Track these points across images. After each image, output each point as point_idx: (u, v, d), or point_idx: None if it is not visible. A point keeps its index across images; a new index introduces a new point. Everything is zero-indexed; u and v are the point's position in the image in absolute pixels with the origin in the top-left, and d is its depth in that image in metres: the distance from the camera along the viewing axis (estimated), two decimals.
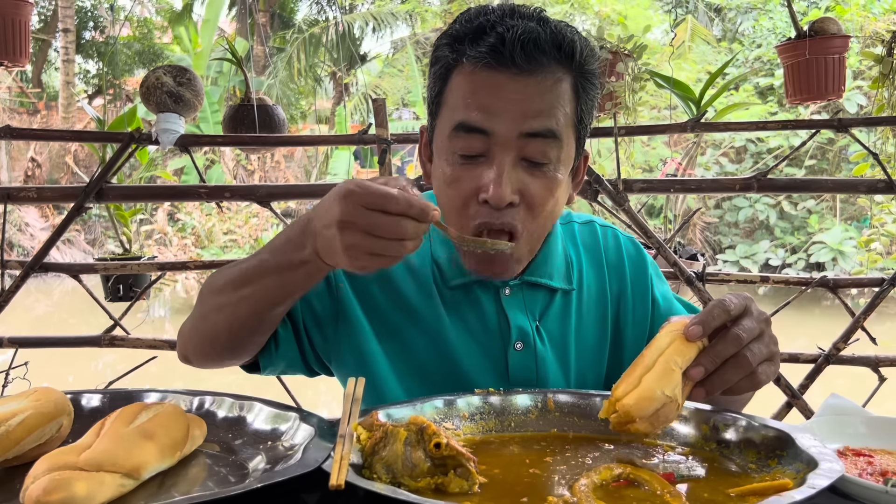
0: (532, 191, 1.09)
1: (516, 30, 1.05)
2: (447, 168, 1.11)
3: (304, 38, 15.90)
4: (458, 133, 1.08)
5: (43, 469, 0.75)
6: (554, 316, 1.25)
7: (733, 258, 12.43)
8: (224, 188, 2.78)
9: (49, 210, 14.01)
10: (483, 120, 1.06)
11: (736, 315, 0.92)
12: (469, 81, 1.08)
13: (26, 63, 2.70)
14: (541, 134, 1.07)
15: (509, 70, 1.05)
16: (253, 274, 1.04)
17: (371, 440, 0.84)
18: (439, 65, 1.13)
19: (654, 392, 0.87)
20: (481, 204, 1.08)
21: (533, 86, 1.06)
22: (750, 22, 13.86)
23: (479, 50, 1.06)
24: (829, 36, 2.64)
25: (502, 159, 1.07)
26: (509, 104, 1.06)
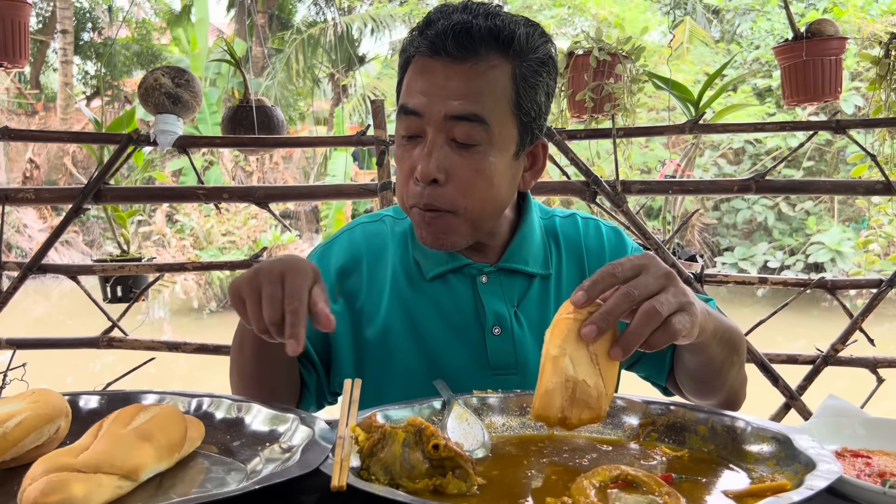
0: (459, 170, 1.14)
1: (452, 20, 1.12)
2: (397, 149, 1.21)
3: (303, 39, 15.91)
4: (399, 116, 1.17)
5: (40, 470, 0.75)
6: (532, 301, 1.28)
7: (732, 260, 12.43)
8: (222, 189, 2.78)
9: (47, 211, 13.99)
10: (415, 102, 1.14)
11: (626, 277, 0.90)
12: (413, 71, 1.17)
13: (25, 64, 2.70)
14: (466, 117, 1.12)
15: (442, 58, 1.13)
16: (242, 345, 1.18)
17: (369, 441, 0.84)
18: (402, 57, 1.21)
19: (546, 387, 0.87)
20: (415, 183, 1.16)
21: (462, 72, 1.12)
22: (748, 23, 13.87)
23: (423, 42, 1.15)
24: (826, 37, 2.64)
25: (433, 139, 1.14)
26: (438, 89, 1.12)
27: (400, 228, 1.32)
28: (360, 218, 1.37)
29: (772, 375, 2.61)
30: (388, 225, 1.33)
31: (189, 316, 11.55)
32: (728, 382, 1.19)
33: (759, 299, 11.60)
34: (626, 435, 1.03)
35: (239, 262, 2.89)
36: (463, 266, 1.26)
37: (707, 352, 1.09)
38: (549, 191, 2.80)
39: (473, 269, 1.26)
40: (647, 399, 1.06)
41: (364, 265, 1.28)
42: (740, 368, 1.21)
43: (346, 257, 1.29)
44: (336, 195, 3.14)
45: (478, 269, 1.26)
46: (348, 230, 1.34)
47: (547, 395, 0.87)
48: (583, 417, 0.88)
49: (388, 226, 1.33)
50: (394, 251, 1.29)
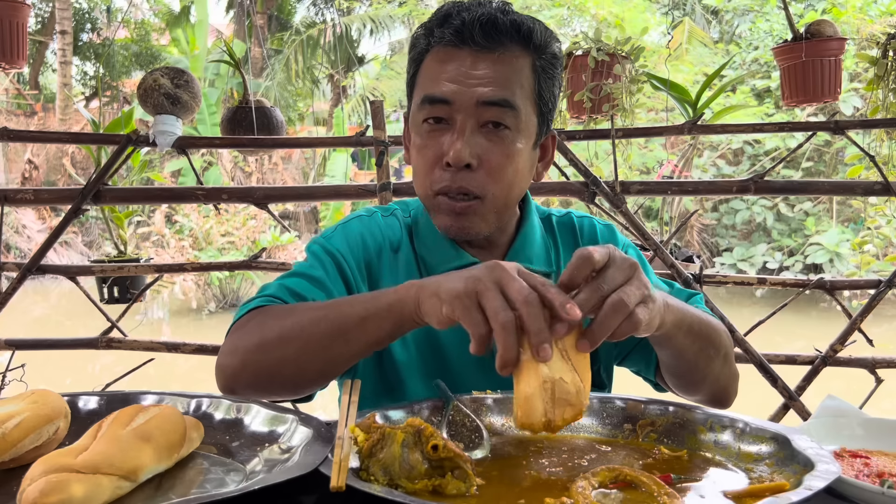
0: (490, 155, 1.17)
1: (476, 12, 1.15)
2: (417, 139, 1.21)
3: (302, 40, 15.92)
4: (424, 106, 1.18)
5: (40, 471, 0.75)
6: None
7: (730, 260, 12.44)
8: (221, 190, 2.78)
9: (46, 212, 13.99)
10: (445, 90, 1.15)
11: (602, 264, 0.90)
12: (436, 60, 1.18)
13: (23, 65, 2.70)
14: (497, 103, 1.15)
15: (469, 47, 1.15)
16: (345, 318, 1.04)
17: (368, 442, 0.84)
18: (415, 51, 1.23)
19: (525, 393, 0.85)
20: (444, 168, 1.17)
21: (490, 60, 1.16)
22: (747, 24, 13.88)
23: (445, 32, 1.16)
24: (825, 38, 2.64)
25: (464, 124, 1.16)
26: (468, 77, 1.15)
27: (408, 224, 1.32)
28: (373, 207, 1.36)
29: (770, 376, 2.62)
30: (399, 218, 1.33)
31: (188, 316, 11.54)
32: (709, 377, 1.19)
33: (757, 300, 11.61)
34: (625, 435, 1.03)
35: (238, 263, 2.89)
36: (468, 264, 1.23)
37: (674, 344, 1.09)
38: (548, 191, 2.80)
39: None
40: (645, 399, 1.06)
41: (385, 257, 1.28)
42: (723, 363, 1.20)
43: (370, 242, 1.28)
44: (335, 196, 3.14)
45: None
46: (368, 216, 1.32)
47: (528, 402, 0.85)
48: (566, 416, 0.86)
49: (399, 220, 1.33)
50: (406, 246, 1.30)
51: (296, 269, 1.25)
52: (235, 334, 1.13)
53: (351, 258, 1.24)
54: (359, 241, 1.27)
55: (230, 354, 1.11)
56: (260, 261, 2.74)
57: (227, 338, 1.15)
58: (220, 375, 1.12)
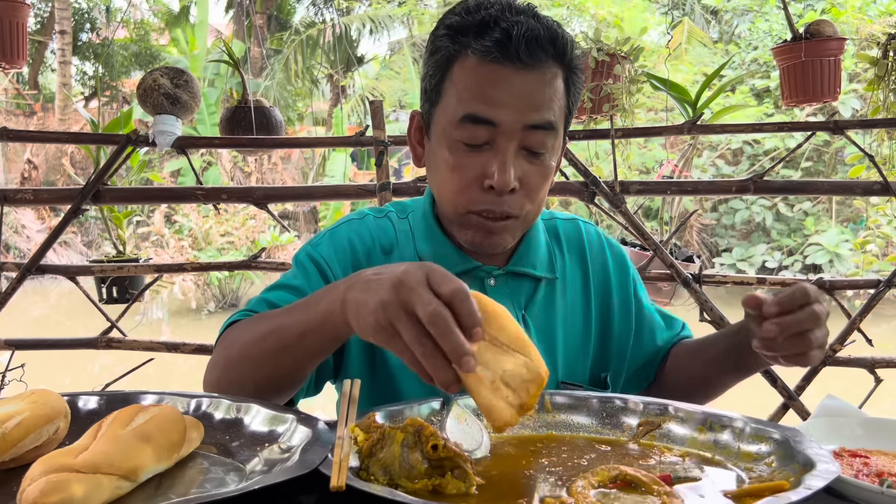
0: (530, 178, 1.16)
1: (520, 26, 1.10)
2: (449, 155, 1.16)
3: (301, 39, 15.92)
4: (464, 124, 1.13)
5: (39, 471, 0.75)
6: (539, 305, 1.29)
7: (730, 260, 12.44)
8: (221, 190, 2.78)
9: (45, 212, 13.98)
10: (490, 112, 1.11)
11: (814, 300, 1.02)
12: (475, 74, 1.12)
13: (23, 65, 2.70)
14: (542, 126, 1.13)
15: (514, 65, 1.10)
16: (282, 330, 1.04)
17: (368, 442, 0.84)
18: (440, 54, 1.17)
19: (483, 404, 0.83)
20: (486, 190, 1.14)
21: (535, 80, 1.12)
22: (746, 24, 13.88)
23: (484, 44, 1.11)
24: (825, 38, 2.65)
25: (506, 148, 1.13)
26: (514, 98, 1.11)
27: (403, 227, 1.30)
28: (365, 209, 1.35)
29: (770, 376, 2.62)
30: (393, 221, 1.31)
31: (187, 316, 11.54)
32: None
33: None
34: (625, 435, 1.03)
35: (237, 263, 2.89)
36: (472, 269, 1.25)
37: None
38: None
39: (482, 271, 1.26)
40: (645, 399, 1.06)
41: (374, 259, 1.26)
42: None
43: (359, 246, 1.27)
44: (334, 196, 3.14)
45: (486, 272, 1.26)
46: (358, 219, 1.31)
47: (490, 409, 0.83)
48: (532, 392, 0.85)
49: (394, 222, 1.31)
50: (401, 249, 1.28)
51: (280, 280, 1.26)
52: (216, 350, 1.16)
53: (336, 264, 1.24)
54: (345, 247, 1.26)
55: (210, 370, 1.14)
56: (259, 261, 2.74)
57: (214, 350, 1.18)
58: (205, 386, 1.16)
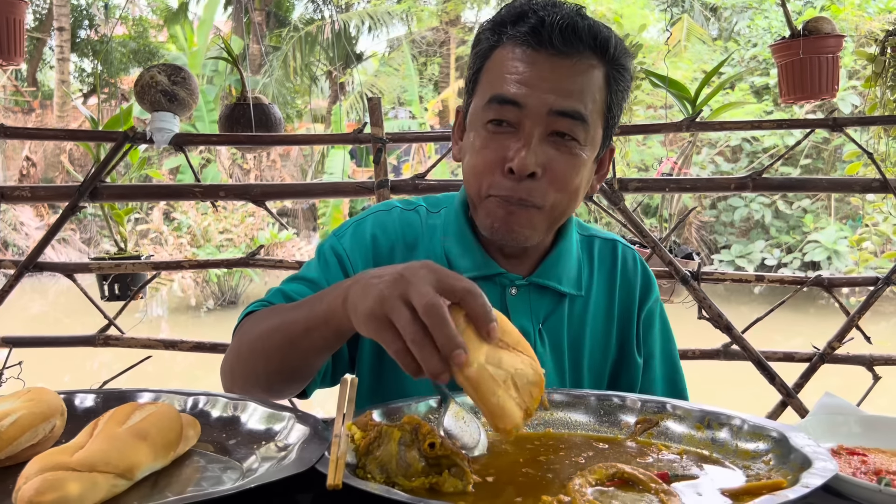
0: (556, 165, 1.12)
1: (556, 15, 1.10)
2: (478, 138, 1.15)
3: (300, 36, 15.88)
4: (491, 105, 1.12)
5: (35, 469, 0.75)
6: (557, 320, 1.26)
7: (729, 258, 12.45)
8: (218, 187, 2.77)
9: (44, 209, 13.98)
10: (517, 93, 1.10)
11: None
12: (508, 58, 1.12)
13: (21, 61, 2.69)
14: (569, 114, 1.11)
15: (546, 50, 1.10)
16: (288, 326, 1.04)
17: (365, 440, 0.84)
18: (480, 47, 1.17)
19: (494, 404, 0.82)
20: (506, 174, 1.12)
21: (567, 67, 1.11)
22: (745, 21, 13.87)
23: (519, 30, 1.11)
24: (823, 35, 2.64)
25: (531, 131, 1.11)
26: (543, 81, 1.10)
27: (432, 222, 1.28)
28: (394, 201, 1.33)
29: (768, 373, 2.62)
30: (421, 216, 1.29)
31: (187, 314, 11.54)
32: None
33: (755, 297, 11.62)
34: (623, 433, 1.03)
35: (235, 261, 2.88)
36: (495, 275, 1.23)
37: None
38: None
39: (505, 279, 1.23)
40: (643, 397, 1.06)
41: (397, 254, 1.25)
42: None
43: (382, 240, 1.25)
44: (333, 193, 3.13)
45: (509, 280, 1.23)
46: (385, 211, 1.29)
47: (503, 409, 0.82)
48: (535, 396, 0.85)
49: (422, 217, 1.29)
50: (426, 245, 1.25)
51: (300, 271, 1.26)
52: (232, 340, 1.17)
53: (358, 258, 1.23)
54: (368, 241, 1.25)
55: (225, 361, 1.16)
56: (257, 258, 2.73)
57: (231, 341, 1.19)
58: (222, 379, 1.18)
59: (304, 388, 1.18)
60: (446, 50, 18.22)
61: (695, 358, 2.66)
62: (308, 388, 1.19)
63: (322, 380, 1.21)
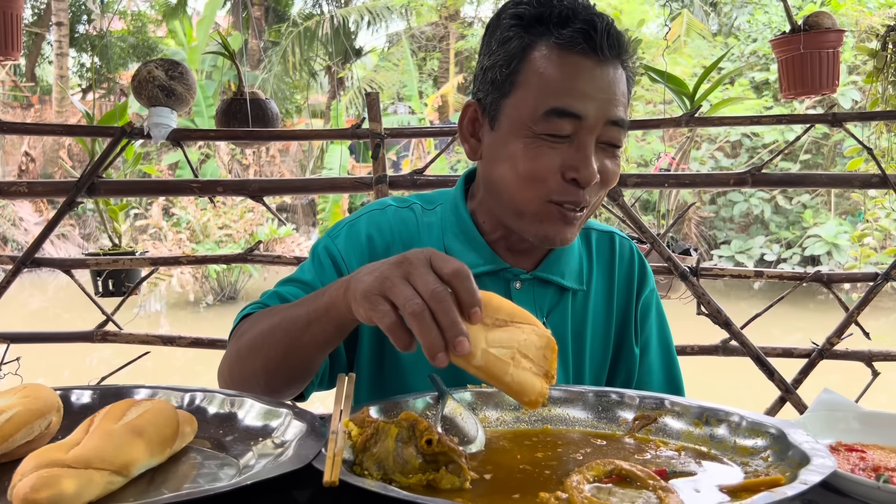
0: (607, 171, 1.16)
1: (602, 20, 1.11)
2: (528, 147, 1.13)
3: (299, 31, 15.86)
4: (549, 117, 1.11)
5: (31, 466, 0.75)
6: (561, 314, 1.27)
7: (728, 253, 12.45)
8: (216, 183, 2.77)
9: (43, 204, 13.96)
10: (578, 106, 1.10)
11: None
12: (559, 66, 1.11)
13: (18, 57, 2.68)
14: (619, 122, 1.13)
15: (597, 56, 1.10)
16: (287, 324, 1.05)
17: (362, 436, 0.84)
18: (511, 44, 1.14)
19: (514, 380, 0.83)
20: (568, 182, 1.12)
21: (611, 74, 1.12)
22: (745, 16, 13.85)
23: (568, 34, 1.10)
24: (824, 30, 2.63)
25: (589, 142, 1.12)
26: (599, 92, 1.11)
27: (428, 219, 1.28)
28: (389, 199, 1.32)
29: (767, 369, 2.62)
30: (416, 214, 1.28)
31: (185, 309, 11.54)
32: None
33: (755, 292, 11.62)
34: (621, 429, 1.03)
35: (233, 256, 2.88)
36: (500, 270, 1.23)
37: None
38: None
39: (510, 273, 1.24)
40: (641, 393, 1.06)
41: (394, 252, 1.23)
42: None
43: (377, 239, 1.25)
44: (331, 188, 3.13)
45: (513, 275, 1.24)
46: (379, 210, 1.29)
47: (521, 385, 0.83)
48: (549, 357, 0.85)
49: (417, 215, 1.28)
50: (424, 243, 1.25)
51: (295, 273, 1.26)
52: (230, 342, 1.18)
53: (353, 259, 1.22)
54: (363, 242, 1.24)
55: (223, 363, 1.17)
56: (256, 253, 2.73)
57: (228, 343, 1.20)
58: (219, 381, 1.18)
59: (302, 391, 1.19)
60: (446, 45, 18.19)
61: (693, 354, 2.66)
62: (306, 389, 1.19)
63: (320, 382, 1.21)
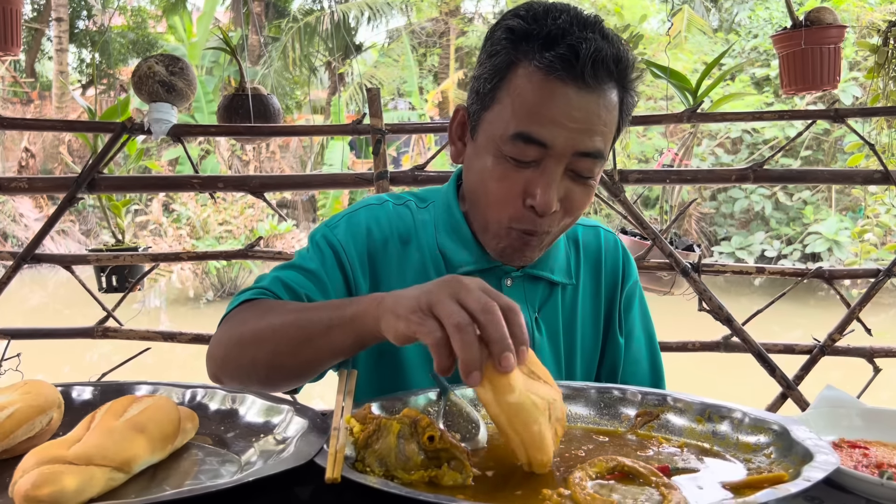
0: (573, 199, 1.13)
1: (589, 44, 1.05)
2: (494, 166, 1.12)
3: (299, 27, 15.83)
4: (515, 141, 1.09)
5: (32, 463, 0.74)
6: (552, 309, 1.29)
7: (729, 249, 12.45)
8: (217, 178, 2.76)
9: (43, 200, 13.96)
10: (544, 134, 1.07)
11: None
12: (534, 89, 1.08)
13: (18, 52, 2.68)
14: (591, 154, 1.10)
15: (576, 84, 1.06)
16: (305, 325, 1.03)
17: (364, 433, 0.84)
18: (498, 58, 1.12)
19: (546, 432, 0.82)
20: (526, 208, 1.12)
21: (594, 104, 1.08)
22: (746, 12, 13.83)
23: (549, 58, 1.06)
24: (825, 26, 2.63)
25: (554, 170, 1.09)
26: (571, 121, 1.07)
27: (422, 217, 1.28)
28: (384, 195, 1.32)
29: (769, 365, 2.61)
30: (412, 210, 1.29)
31: (186, 305, 11.55)
32: None
33: (756, 289, 11.62)
34: (623, 426, 1.02)
35: (233, 252, 2.87)
36: (491, 268, 1.24)
37: None
38: None
39: (501, 271, 1.24)
40: (643, 390, 1.06)
41: (391, 247, 1.24)
42: None
43: (376, 233, 1.24)
44: (331, 185, 3.13)
45: (504, 272, 1.25)
46: (378, 204, 1.29)
47: (541, 439, 0.81)
48: (559, 433, 0.87)
49: (413, 212, 1.29)
50: (419, 240, 1.25)
51: (295, 259, 1.24)
52: (224, 325, 1.14)
53: (353, 250, 1.22)
54: (363, 233, 1.24)
55: (216, 345, 1.13)
56: (256, 249, 2.73)
57: (219, 326, 1.16)
58: (208, 364, 1.15)
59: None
60: (446, 41, 18.16)
61: (695, 350, 2.66)
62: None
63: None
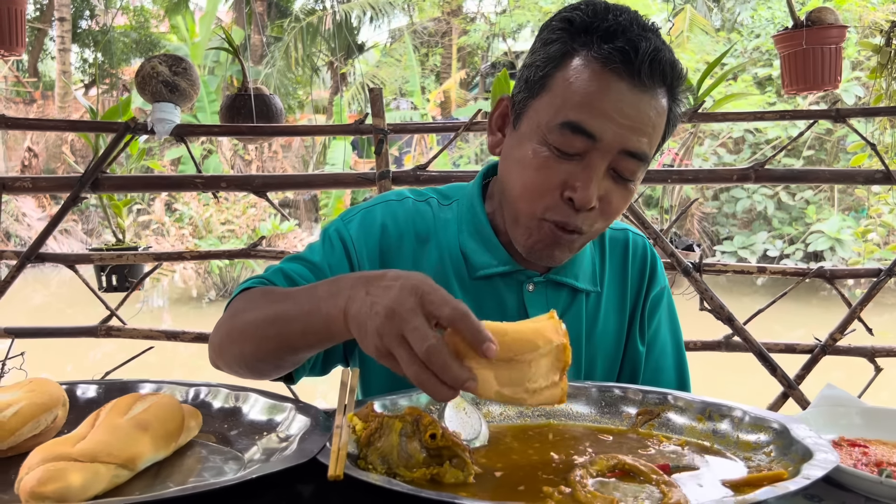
0: (612, 200, 1.11)
1: (648, 44, 1.04)
2: (536, 155, 1.10)
3: (302, 27, 15.83)
4: (563, 130, 1.06)
5: (37, 460, 0.75)
6: (574, 317, 1.25)
7: (731, 249, 12.44)
8: (220, 178, 2.77)
9: (46, 200, 13.97)
10: (594, 125, 1.05)
11: None
12: (589, 79, 1.05)
13: (21, 52, 2.69)
14: (637, 155, 1.08)
15: (632, 80, 1.04)
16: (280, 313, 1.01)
17: (366, 431, 0.84)
18: (553, 47, 1.10)
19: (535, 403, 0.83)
20: (564, 201, 1.09)
21: (646, 104, 1.06)
22: (748, 12, 13.81)
23: (608, 49, 1.04)
24: (826, 26, 2.63)
25: (598, 165, 1.07)
26: (622, 117, 1.05)
27: (444, 215, 1.25)
28: (405, 190, 1.30)
29: (770, 364, 2.62)
30: (433, 208, 1.26)
31: (188, 304, 11.56)
32: None
33: (758, 288, 11.61)
34: (624, 424, 1.03)
35: (236, 252, 2.88)
36: (513, 271, 1.21)
37: None
38: None
39: (523, 275, 1.22)
40: (644, 388, 1.06)
41: (407, 245, 1.22)
42: None
43: (392, 229, 1.22)
44: (334, 184, 3.13)
45: (527, 277, 1.22)
46: (397, 200, 1.26)
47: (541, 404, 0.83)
48: (562, 359, 0.84)
49: (434, 209, 1.26)
50: (439, 238, 1.23)
51: (304, 251, 1.23)
52: (225, 313, 1.13)
53: (363, 246, 1.21)
54: (376, 229, 1.22)
55: (215, 333, 1.12)
56: (258, 249, 2.73)
57: (223, 312, 1.15)
58: (209, 351, 1.14)
59: (292, 374, 1.16)
60: (448, 40, 18.16)
61: (696, 349, 2.66)
62: (296, 373, 1.17)
63: (312, 368, 1.20)
